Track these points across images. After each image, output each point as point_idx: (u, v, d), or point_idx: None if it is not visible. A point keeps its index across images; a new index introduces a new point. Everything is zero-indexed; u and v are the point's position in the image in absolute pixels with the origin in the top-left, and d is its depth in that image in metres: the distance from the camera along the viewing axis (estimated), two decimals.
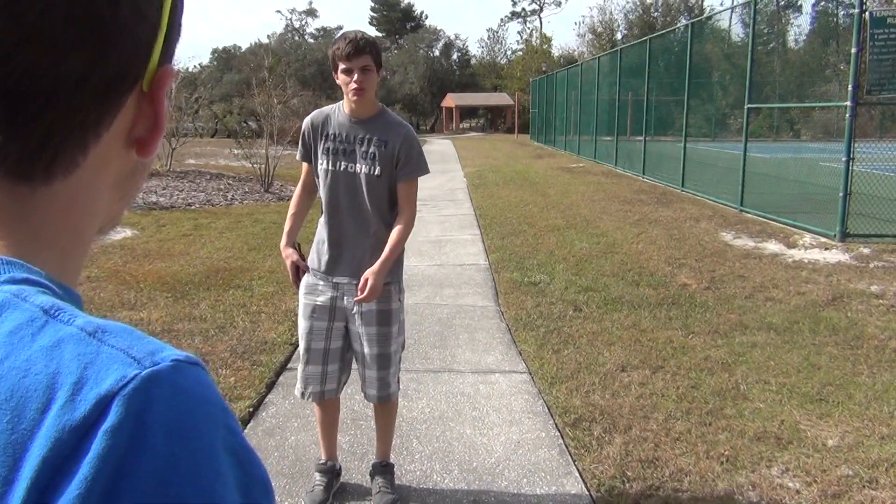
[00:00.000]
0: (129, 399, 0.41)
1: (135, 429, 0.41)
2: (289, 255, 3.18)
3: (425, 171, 3.11)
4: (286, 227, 3.23)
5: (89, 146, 0.51)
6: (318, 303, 3.11)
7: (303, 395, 3.19)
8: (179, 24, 0.56)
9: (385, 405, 3.30)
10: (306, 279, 3.17)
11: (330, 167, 3.05)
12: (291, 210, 3.26)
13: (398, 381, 3.31)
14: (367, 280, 2.92)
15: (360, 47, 2.87)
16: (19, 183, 0.50)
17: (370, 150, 3.00)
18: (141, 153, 0.56)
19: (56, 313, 0.46)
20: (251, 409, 4.13)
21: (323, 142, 3.07)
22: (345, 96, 2.99)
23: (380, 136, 3.00)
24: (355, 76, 2.88)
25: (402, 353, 3.31)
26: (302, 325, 3.15)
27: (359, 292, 2.94)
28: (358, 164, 3.02)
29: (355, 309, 3.08)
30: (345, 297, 3.10)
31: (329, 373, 3.17)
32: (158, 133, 0.56)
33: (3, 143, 0.48)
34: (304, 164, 3.22)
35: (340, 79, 2.94)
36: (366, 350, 3.13)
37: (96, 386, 0.42)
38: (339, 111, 3.07)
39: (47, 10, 0.46)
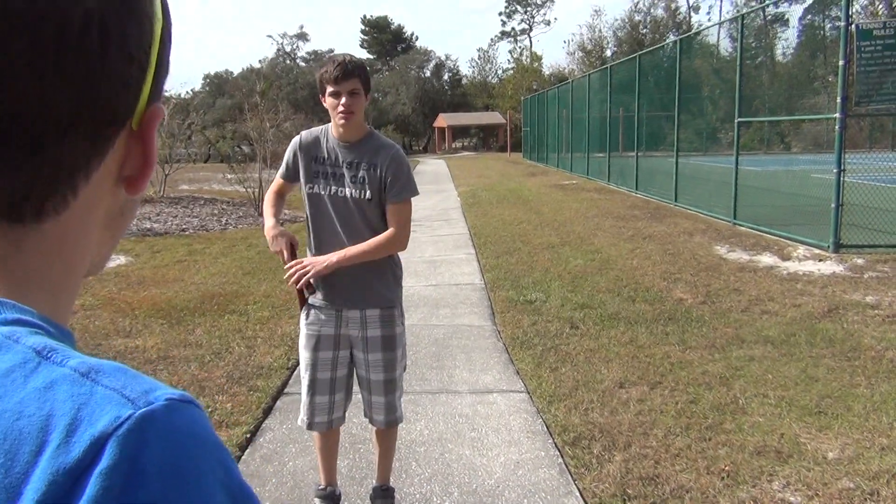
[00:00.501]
0: (123, 440, 0.41)
1: (129, 470, 0.40)
2: (280, 232, 3.05)
3: (414, 192, 3.06)
4: (270, 213, 3.16)
5: (79, 186, 0.51)
6: (322, 333, 3.08)
7: (309, 426, 3.14)
8: (167, 63, 0.56)
9: (390, 429, 3.29)
10: (307, 309, 3.13)
11: (320, 191, 3.03)
12: (269, 203, 3.21)
13: (402, 405, 3.30)
14: (320, 261, 2.93)
15: (348, 70, 2.86)
16: (10, 224, 0.50)
17: (359, 175, 2.97)
18: (130, 191, 0.56)
19: (49, 354, 0.45)
20: (248, 435, 4.10)
21: (311, 165, 3.05)
22: (332, 120, 2.97)
23: (368, 159, 2.98)
24: (343, 99, 2.87)
25: (404, 374, 3.30)
26: (305, 356, 3.11)
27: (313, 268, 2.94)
28: (347, 189, 2.99)
29: (360, 334, 3.06)
30: (349, 325, 3.07)
31: (336, 402, 3.14)
32: (148, 171, 0.56)
33: None
34: (280, 180, 3.20)
35: (328, 102, 2.93)
36: (372, 377, 3.11)
37: (90, 427, 0.41)
38: (328, 134, 3.05)
39: (36, 56, 0.46)
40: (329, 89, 2.90)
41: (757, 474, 3.54)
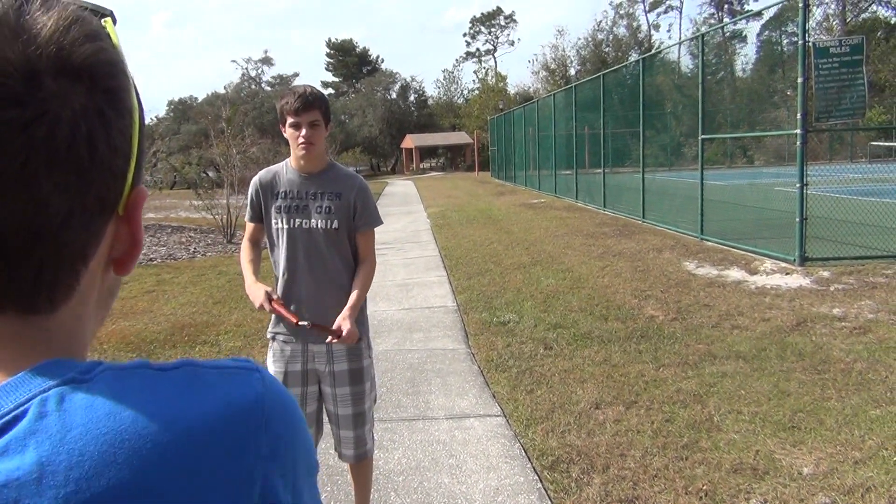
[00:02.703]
0: None
1: None
2: (260, 288, 2.96)
3: (380, 221, 3.13)
4: (249, 270, 3.10)
5: (80, 273, 0.54)
6: (289, 370, 3.05)
7: None
8: (144, 145, 0.57)
9: (362, 463, 3.23)
10: (272, 346, 3.10)
11: (284, 225, 2.99)
12: (247, 258, 3.13)
13: (373, 437, 3.27)
14: (340, 327, 2.86)
15: (308, 102, 2.85)
16: (30, 314, 0.53)
17: (324, 205, 2.95)
18: (119, 271, 0.59)
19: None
20: None
21: (274, 200, 3.01)
22: (293, 151, 2.95)
23: (332, 188, 2.97)
24: (303, 131, 2.86)
25: (374, 406, 3.26)
26: None
27: (333, 339, 2.87)
28: (313, 220, 2.96)
29: (327, 369, 3.03)
30: (315, 359, 3.04)
31: None
32: (136, 252, 0.58)
33: (7, 282, 0.51)
34: (250, 224, 3.16)
35: (289, 133, 2.91)
36: (340, 411, 3.08)
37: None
38: (288, 167, 3.02)
39: (29, 159, 0.48)
40: (289, 120, 2.89)
41: (734, 492, 3.56)
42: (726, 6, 71.22)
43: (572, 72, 59.46)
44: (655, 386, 5.12)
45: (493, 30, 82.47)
